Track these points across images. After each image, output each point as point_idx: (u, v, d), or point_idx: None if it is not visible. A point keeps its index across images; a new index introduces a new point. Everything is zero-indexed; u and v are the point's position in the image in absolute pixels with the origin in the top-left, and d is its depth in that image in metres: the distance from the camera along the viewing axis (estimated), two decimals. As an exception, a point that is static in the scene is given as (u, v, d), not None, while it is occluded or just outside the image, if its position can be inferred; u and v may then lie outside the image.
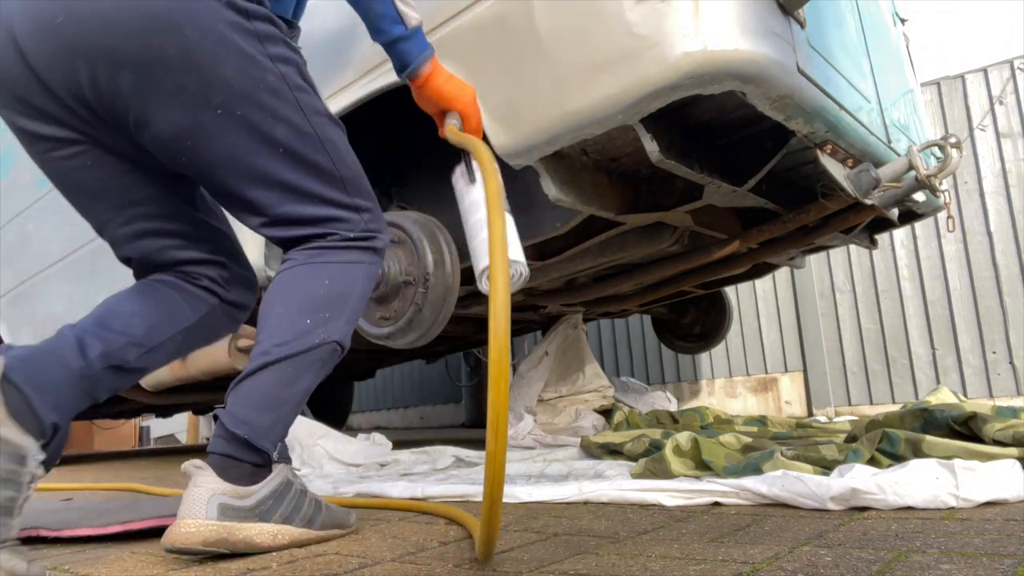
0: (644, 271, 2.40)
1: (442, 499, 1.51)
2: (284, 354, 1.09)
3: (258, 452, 1.07)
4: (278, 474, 1.10)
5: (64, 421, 0.99)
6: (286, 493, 1.10)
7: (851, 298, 4.03)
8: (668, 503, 1.26)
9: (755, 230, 2.18)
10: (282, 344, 1.09)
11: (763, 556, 0.85)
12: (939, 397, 2.15)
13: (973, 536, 0.89)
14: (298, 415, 1.18)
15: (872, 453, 1.35)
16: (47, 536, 1.27)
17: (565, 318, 3.07)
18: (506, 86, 1.52)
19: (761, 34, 1.33)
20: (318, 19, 1.99)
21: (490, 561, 0.92)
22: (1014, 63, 3.68)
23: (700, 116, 1.68)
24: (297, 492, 1.13)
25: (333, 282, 1.14)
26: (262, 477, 1.08)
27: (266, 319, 1.13)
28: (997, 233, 3.66)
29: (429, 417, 6.18)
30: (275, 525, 1.08)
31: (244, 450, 1.06)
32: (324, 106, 1.18)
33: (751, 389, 4.31)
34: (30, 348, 1.00)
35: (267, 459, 1.09)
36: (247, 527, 1.04)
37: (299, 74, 1.13)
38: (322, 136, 1.15)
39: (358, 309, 1.18)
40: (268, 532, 1.06)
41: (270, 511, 1.07)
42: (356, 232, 1.17)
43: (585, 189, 1.70)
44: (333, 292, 1.14)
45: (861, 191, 1.73)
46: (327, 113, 1.17)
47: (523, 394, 2.88)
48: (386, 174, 2.23)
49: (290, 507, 1.10)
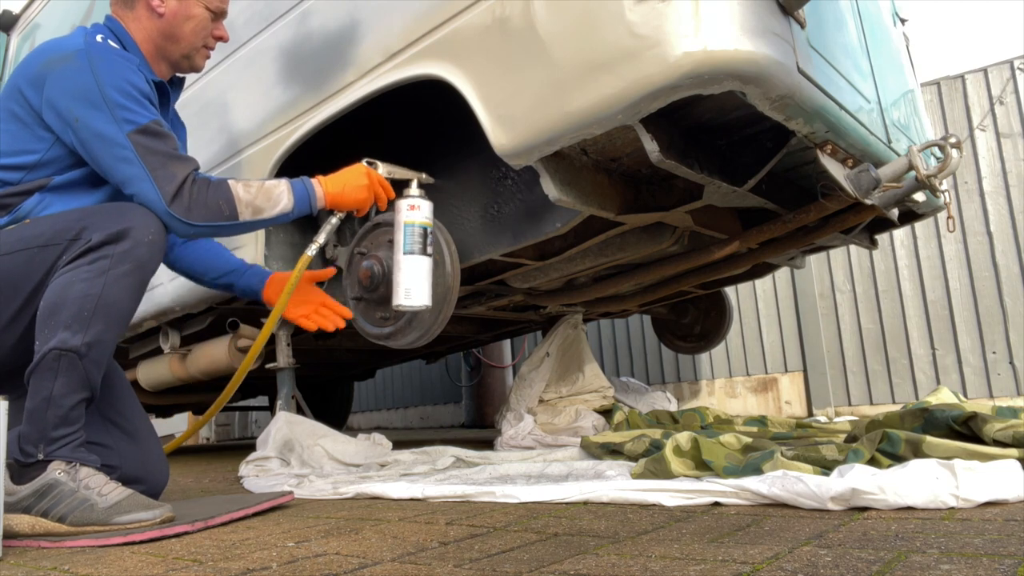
0: (644, 271, 2.40)
1: (442, 499, 1.51)
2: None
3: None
4: (46, 475, 1.30)
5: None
6: (48, 492, 1.30)
7: (851, 298, 4.03)
8: (668, 503, 1.26)
9: (755, 230, 2.18)
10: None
11: (763, 556, 0.85)
12: (939, 397, 2.15)
13: (973, 536, 0.89)
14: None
15: (872, 453, 1.35)
16: (47, 547, 1.28)
17: (565, 318, 3.07)
18: (506, 86, 1.52)
19: (761, 34, 1.33)
20: (318, 19, 1.99)
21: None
22: (1014, 63, 3.68)
23: (700, 116, 1.68)
24: (65, 492, 1.30)
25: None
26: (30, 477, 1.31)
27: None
28: (997, 233, 3.66)
29: (429, 417, 6.18)
30: (33, 517, 1.29)
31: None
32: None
33: (751, 389, 4.31)
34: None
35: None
36: (11, 517, 1.29)
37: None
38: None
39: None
40: (26, 522, 1.30)
41: (31, 506, 1.29)
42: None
43: (585, 189, 1.70)
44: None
45: (861, 191, 1.73)
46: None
47: (524, 395, 2.88)
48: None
49: (51, 503, 1.30)
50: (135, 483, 1.42)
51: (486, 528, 1.16)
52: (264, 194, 1.49)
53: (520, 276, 2.32)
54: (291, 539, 1.17)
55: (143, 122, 1.39)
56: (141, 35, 1.57)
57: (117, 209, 1.39)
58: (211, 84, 2.39)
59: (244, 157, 2.20)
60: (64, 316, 1.30)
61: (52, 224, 1.38)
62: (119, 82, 1.39)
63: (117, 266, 1.33)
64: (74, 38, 1.45)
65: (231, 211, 1.45)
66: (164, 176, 1.39)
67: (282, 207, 1.51)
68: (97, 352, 1.33)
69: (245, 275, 1.77)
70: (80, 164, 1.45)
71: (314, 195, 1.55)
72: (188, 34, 1.59)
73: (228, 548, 1.13)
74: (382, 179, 1.65)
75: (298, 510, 1.52)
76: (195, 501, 1.64)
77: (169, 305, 2.55)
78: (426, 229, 1.63)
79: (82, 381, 1.32)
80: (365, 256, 1.86)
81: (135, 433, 1.56)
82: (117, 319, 1.35)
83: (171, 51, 1.60)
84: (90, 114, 1.37)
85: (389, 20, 1.77)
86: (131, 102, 1.39)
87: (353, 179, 1.60)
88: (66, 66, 1.39)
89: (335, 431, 2.34)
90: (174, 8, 1.57)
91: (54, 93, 1.40)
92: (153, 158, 1.39)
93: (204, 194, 1.43)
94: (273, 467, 2.17)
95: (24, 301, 1.38)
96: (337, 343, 3.23)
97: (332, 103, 1.91)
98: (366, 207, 1.63)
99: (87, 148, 1.40)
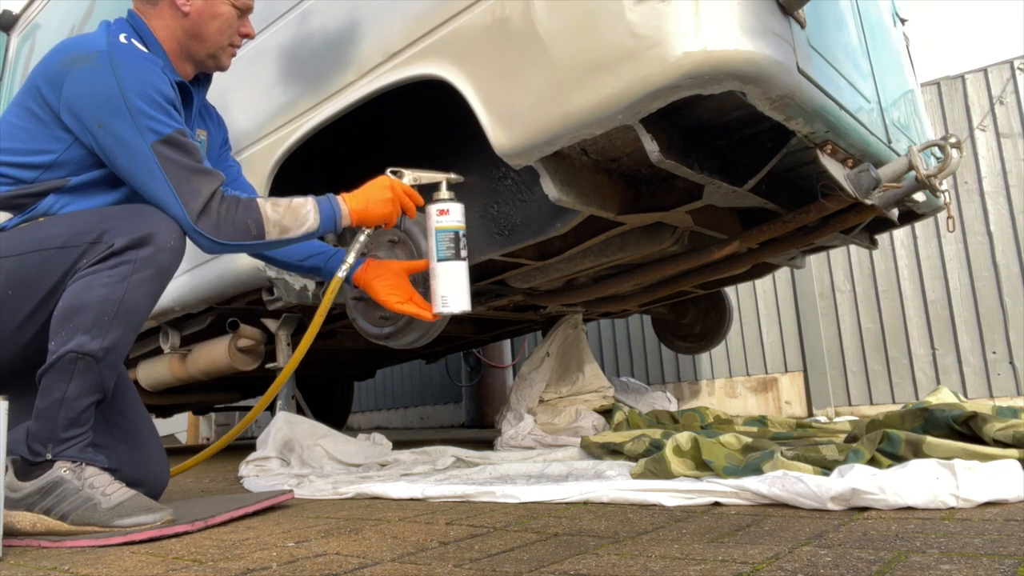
0: (644, 271, 2.40)
1: (442, 499, 1.51)
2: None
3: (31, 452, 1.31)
4: (51, 472, 1.30)
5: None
6: (53, 490, 1.29)
7: (851, 298, 4.03)
8: (668, 503, 1.26)
9: (755, 230, 2.18)
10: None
11: (763, 556, 0.85)
12: (939, 397, 2.15)
13: (973, 536, 0.89)
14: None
15: (872, 453, 1.35)
16: (47, 546, 1.28)
17: (565, 318, 3.07)
18: (506, 86, 1.52)
19: (761, 34, 1.33)
20: (318, 19, 1.99)
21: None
22: (1014, 63, 3.68)
23: (700, 116, 1.68)
24: (69, 490, 1.29)
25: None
26: (36, 475, 1.31)
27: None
28: (997, 233, 3.66)
29: (429, 417, 6.18)
30: (35, 515, 1.30)
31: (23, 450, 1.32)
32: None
33: (751, 389, 4.31)
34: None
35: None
36: (13, 514, 1.29)
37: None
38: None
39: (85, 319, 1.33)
40: (28, 520, 1.30)
41: (34, 503, 1.30)
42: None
43: (585, 189, 1.70)
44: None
45: (861, 191, 1.73)
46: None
47: (524, 395, 2.88)
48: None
49: (54, 501, 1.29)
50: (135, 485, 1.42)
51: (486, 528, 1.16)
52: (292, 213, 1.46)
53: (520, 276, 2.32)
54: (291, 539, 1.17)
55: (167, 132, 1.36)
56: (165, 33, 1.53)
57: (138, 212, 1.36)
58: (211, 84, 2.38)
59: (244, 157, 2.20)
60: (84, 320, 1.28)
61: (69, 225, 1.35)
62: (143, 88, 1.35)
63: (139, 271, 1.32)
64: (96, 37, 1.40)
65: (259, 231, 1.42)
66: (189, 192, 1.36)
67: (308, 226, 1.48)
68: (114, 357, 1.32)
69: (332, 259, 1.72)
70: (98, 165, 1.42)
71: (339, 213, 1.51)
72: (214, 33, 1.55)
73: (228, 548, 1.13)
74: (407, 188, 1.60)
75: (298, 510, 1.52)
76: (195, 501, 1.64)
77: (169, 305, 2.55)
78: (458, 233, 1.58)
79: (96, 384, 1.31)
80: (366, 256, 1.86)
81: (136, 434, 1.56)
82: (135, 324, 1.34)
83: (196, 50, 1.56)
84: (112, 121, 1.34)
85: (389, 20, 1.77)
86: (155, 110, 1.36)
87: (376, 194, 1.55)
88: (87, 67, 1.35)
89: (335, 431, 2.34)
90: (200, 6, 1.52)
91: (74, 95, 1.36)
92: (177, 171, 1.36)
93: (233, 213, 1.40)
94: (273, 467, 2.17)
95: (38, 303, 1.35)
96: (337, 343, 3.23)
97: (332, 103, 1.91)
98: (392, 220, 1.58)
99: (108, 154, 1.37)
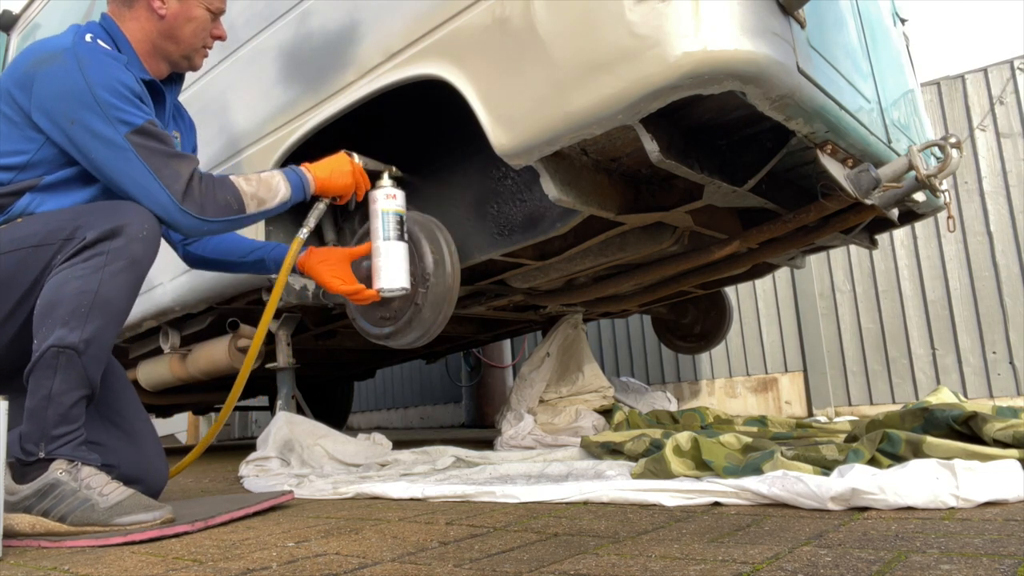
0: (644, 271, 2.40)
1: (442, 499, 1.51)
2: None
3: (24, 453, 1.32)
4: (47, 474, 1.31)
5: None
6: (49, 492, 1.30)
7: (851, 298, 4.03)
8: (668, 503, 1.26)
9: (755, 230, 2.18)
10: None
11: (763, 556, 0.85)
12: (939, 397, 2.15)
13: (973, 536, 0.89)
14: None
15: (872, 453, 1.35)
16: (47, 546, 1.28)
17: (565, 318, 3.07)
18: (506, 86, 1.52)
19: (761, 34, 1.33)
20: (318, 19, 1.99)
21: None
22: (1014, 63, 3.68)
23: (700, 116, 1.68)
24: (66, 491, 1.29)
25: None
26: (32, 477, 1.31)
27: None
28: (997, 233, 3.66)
29: (429, 417, 6.18)
30: (33, 516, 1.30)
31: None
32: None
33: (751, 389, 4.31)
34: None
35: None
36: (12, 516, 1.29)
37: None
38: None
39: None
40: (27, 522, 1.30)
41: (32, 506, 1.30)
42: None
43: (585, 189, 1.70)
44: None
45: (861, 191, 1.73)
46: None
47: (525, 395, 2.88)
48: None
49: (52, 503, 1.30)
50: (133, 483, 1.42)
51: (486, 528, 1.16)
52: (264, 185, 1.54)
53: (520, 276, 2.32)
54: (291, 539, 1.17)
55: (138, 123, 1.39)
56: (140, 35, 1.56)
57: (111, 207, 1.39)
58: (211, 84, 2.39)
59: (244, 157, 2.20)
60: (61, 313, 1.30)
61: (45, 223, 1.38)
62: (109, 81, 1.38)
63: (112, 263, 1.33)
64: (63, 38, 1.43)
65: (239, 205, 1.49)
66: (170, 175, 1.40)
67: (281, 196, 1.56)
68: (95, 349, 1.33)
69: (274, 250, 1.80)
70: (70, 163, 1.44)
71: (306, 180, 1.61)
72: (189, 35, 1.59)
73: (228, 548, 1.13)
74: (361, 169, 1.71)
75: (298, 510, 1.52)
76: (195, 501, 1.64)
77: (169, 305, 2.55)
78: (401, 216, 1.70)
79: (81, 378, 1.32)
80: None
81: (133, 433, 1.56)
82: (114, 315, 1.35)
83: (171, 51, 1.60)
84: (84, 116, 1.37)
85: (389, 20, 1.77)
86: (123, 102, 1.39)
87: (338, 166, 1.67)
88: (54, 67, 1.38)
89: (335, 431, 2.34)
90: (175, 10, 1.57)
91: (44, 95, 1.38)
92: (155, 158, 1.39)
93: (213, 191, 1.45)
94: (273, 467, 2.17)
95: (18, 301, 1.38)
96: (337, 343, 3.23)
97: (332, 103, 1.91)
98: (350, 192, 1.69)
99: (83, 150, 1.39)
